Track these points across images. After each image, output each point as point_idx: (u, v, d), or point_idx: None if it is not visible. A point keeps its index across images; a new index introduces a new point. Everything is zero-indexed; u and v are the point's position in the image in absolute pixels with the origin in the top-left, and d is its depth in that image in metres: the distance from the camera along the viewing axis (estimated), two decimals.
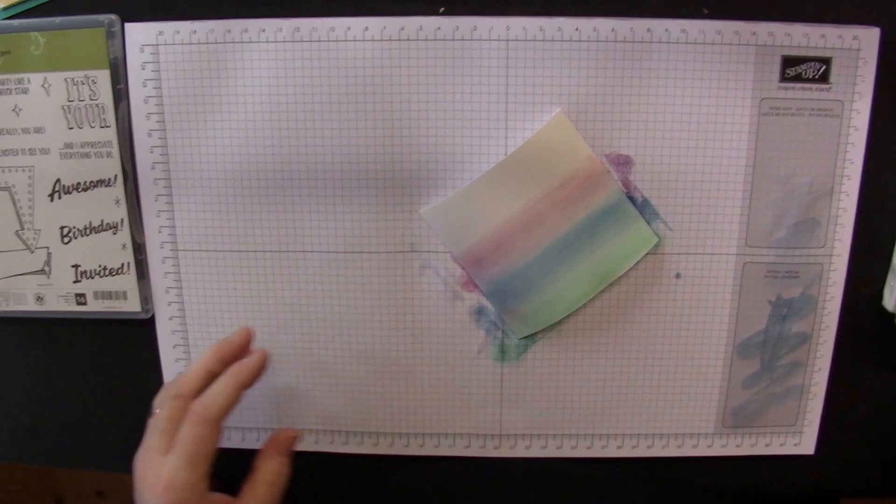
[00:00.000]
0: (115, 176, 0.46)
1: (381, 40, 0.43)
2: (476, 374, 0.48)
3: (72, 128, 0.46)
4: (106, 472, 0.52)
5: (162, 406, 0.41)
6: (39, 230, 0.48)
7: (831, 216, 0.45)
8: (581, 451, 0.50)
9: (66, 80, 0.45)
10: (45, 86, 0.45)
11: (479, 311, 0.47)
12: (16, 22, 0.44)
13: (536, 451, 0.50)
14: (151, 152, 0.46)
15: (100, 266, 0.48)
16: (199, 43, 0.44)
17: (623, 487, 0.51)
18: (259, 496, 0.42)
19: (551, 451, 0.50)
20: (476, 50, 0.43)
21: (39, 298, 0.49)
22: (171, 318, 0.49)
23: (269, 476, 0.43)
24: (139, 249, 0.48)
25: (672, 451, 0.50)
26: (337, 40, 0.43)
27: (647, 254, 0.46)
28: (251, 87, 0.44)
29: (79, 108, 0.45)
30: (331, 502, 0.52)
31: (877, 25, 0.43)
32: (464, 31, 0.43)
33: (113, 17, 0.44)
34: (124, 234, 0.47)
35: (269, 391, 0.49)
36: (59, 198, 0.47)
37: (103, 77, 0.45)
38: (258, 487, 0.42)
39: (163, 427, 0.40)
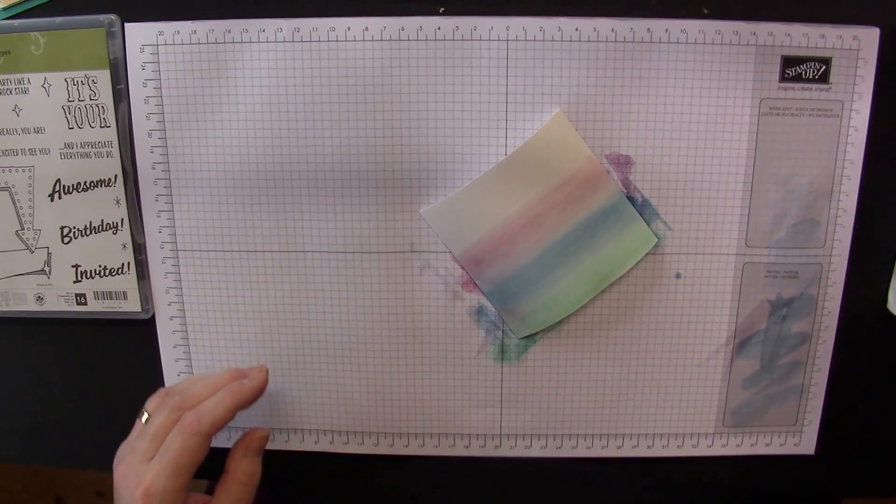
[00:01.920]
0: (115, 176, 0.46)
1: (381, 40, 0.43)
2: (476, 374, 0.48)
3: (72, 128, 0.46)
4: (106, 472, 0.52)
5: (159, 413, 0.41)
6: (39, 230, 0.48)
7: (831, 216, 0.45)
8: (581, 451, 0.50)
9: (66, 80, 0.45)
10: (46, 86, 0.45)
11: (479, 311, 0.47)
12: (16, 22, 0.44)
13: (536, 451, 0.50)
14: (151, 152, 0.46)
15: (100, 266, 0.48)
16: (199, 43, 0.44)
17: (623, 487, 0.51)
18: (232, 496, 0.42)
19: (551, 451, 0.50)
20: (476, 50, 0.43)
21: (39, 298, 0.49)
22: (171, 318, 0.49)
23: (241, 476, 0.43)
24: (139, 249, 0.48)
25: (672, 451, 0.50)
26: (337, 40, 0.43)
27: (647, 254, 0.46)
28: (251, 87, 0.44)
29: (79, 108, 0.45)
30: (331, 502, 0.52)
31: (877, 25, 0.43)
32: (464, 31, 0.43)
33: (113, 17, 0.44)
34: (124, 234, 0.47)
35: (268, 391, 0.49)
36: (60, 198, 0.47)
37: (103, 77, 0.45)
38: (231, 487, 0.42)
39: (154, 433, 0.40)
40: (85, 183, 0.47)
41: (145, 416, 0.42)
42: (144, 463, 0.39)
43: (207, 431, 0.40)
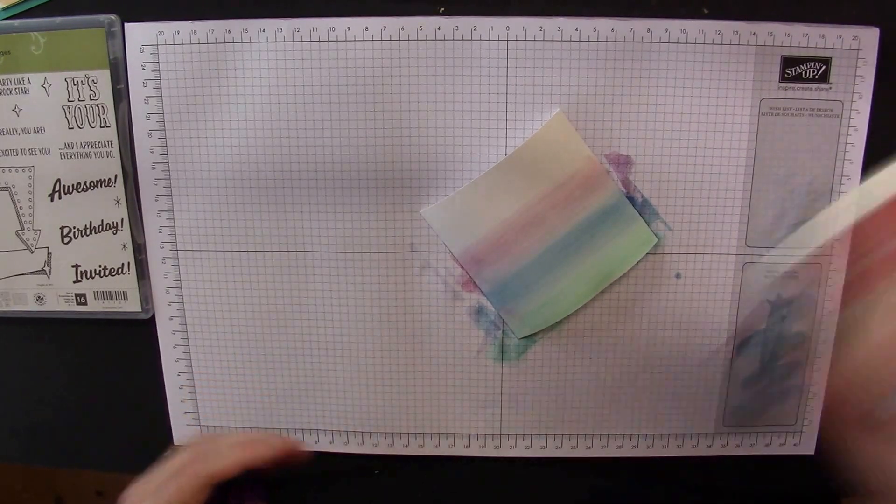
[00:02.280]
0: (115, 176, 0.46)
1: (381, 40, 0.43)
2: (476, 374, 0.48)
3: (72, 128, 0.46)
4: (106, 472, 0.52)
5: (173, 455, 0.39)
6: (39, 230, 0.48)
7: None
8: (581, 451, 0.50)
9: (66, 80, 0.45)
10: (46, 86, 0.45)
11: (479, 311, 0.47)
12: (16, 22, 0.44)
13: (536, 451, 0.50)
14: (151, 152, 0.46)
15: (100, 266, 0.48)
16: (199, 43, 0.44)
17: (623, 487, 0.51)
18: None
19: (551, 451, 0.50)
20: (476, 50, 0.43)
21: (39, 298, 0.49)
22: (171, 318, 0.49)
23: None
24: (139, 249, 0.48)
25: (672, 451, 0.50)
26: (337, 40, 0.43)
27: (647, 254, 0.46)
28: (251, 87, 0.44)
29: (79, 108, 0.45)
30: (331, 502, 0.52)
31: (877, 25, 0.43)
32: (464, 31, 0.43)
33: (113, 17, 0.44)
34: (124, 234, 0.47)
35: (268, 391, 0.49)
36: (60, 198, 0.47)
37: (103, 77, 0.45)
38: None
39: (160, 472, 0.39)
40: (85, 183, 0.47)
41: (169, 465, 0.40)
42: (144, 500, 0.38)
43: (208, 475, 0.38)
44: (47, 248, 0.48)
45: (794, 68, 0.43)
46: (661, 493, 0.52)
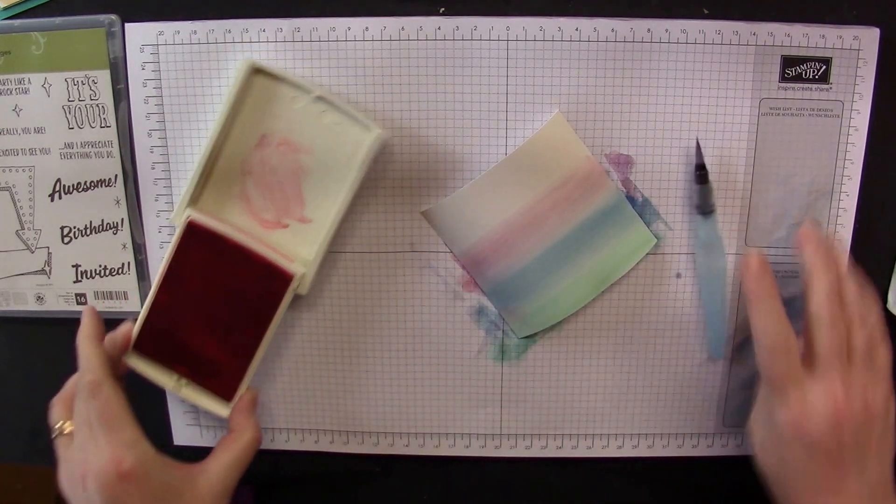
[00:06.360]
0: (116, 176, 0.46)
1: (381, 40, 0.43)
2: (476, 374, 0.48)
3: (72, 128, 0.46)
4: None
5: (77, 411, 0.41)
6: (40, 230, 0.48)
7: (831, 216, 0.45)
8: (581, 451, 0.50)
9: (66, 80, 0.45)
10: (46, 86, 0.45)
11: (479, 311, 0.47)
12: (16, 22, 0.44)
13: (536, 451, 0.50)
14: (151, 152, 0.46)
15: (100, 266, 0.48)
16: (199, 43, 0.44)
17: (623, 487, 0.51)
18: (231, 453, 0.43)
19: (551, 451, 0.50)
20: (476, 50, 0.43)
21: (39, 298, 0.49)
22: None
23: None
24: (139, 249, 0.48)
25: (672, 451, 0.50)
26: (337, 40, 0.43)
27: (647, 254, 0.46)
28: None
29: (79, 108, 0.45)
30: (331, 502, 0.52)
31: (877, 25, 0.43)
32: (464, 31, 0.43)
33: (113, 17, 0.44)
34: (124, 234, 0.47)
35: (267, 391, 0.49)
36: (60, 198, 0.47)
37: (103, 77, 0.45)
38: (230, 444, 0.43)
39: (76, 428, 0.41)
40: (85, 183, 0.47)
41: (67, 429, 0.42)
42: (80, 453, 0.39)
43: (105, 375, 0.40)
44: (47, 248, 0.48)
45: (794, 68, 0.43)
46: (661, 492, 0.52)
